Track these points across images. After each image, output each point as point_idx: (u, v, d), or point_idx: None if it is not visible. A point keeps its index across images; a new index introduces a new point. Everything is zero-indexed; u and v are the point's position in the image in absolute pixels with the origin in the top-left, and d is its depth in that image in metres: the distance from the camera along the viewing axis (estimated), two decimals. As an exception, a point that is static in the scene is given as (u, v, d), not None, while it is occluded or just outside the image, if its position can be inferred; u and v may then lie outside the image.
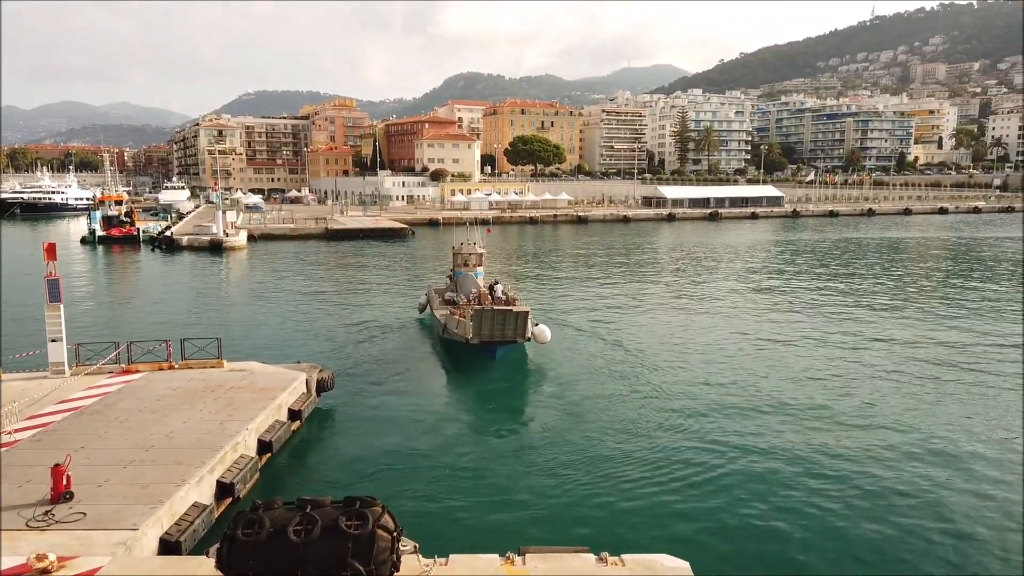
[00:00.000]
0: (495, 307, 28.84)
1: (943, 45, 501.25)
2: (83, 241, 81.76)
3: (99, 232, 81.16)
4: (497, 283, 34.86)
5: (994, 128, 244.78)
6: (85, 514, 13.39)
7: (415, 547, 12.15)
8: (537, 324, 29.60)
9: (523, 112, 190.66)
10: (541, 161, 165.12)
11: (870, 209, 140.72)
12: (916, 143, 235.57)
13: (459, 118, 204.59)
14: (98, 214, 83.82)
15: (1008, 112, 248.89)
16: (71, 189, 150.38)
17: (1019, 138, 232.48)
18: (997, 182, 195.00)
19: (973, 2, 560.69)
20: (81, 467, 15.23)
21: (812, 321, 37.94)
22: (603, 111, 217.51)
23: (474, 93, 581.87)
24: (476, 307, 29.08)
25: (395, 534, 11.13)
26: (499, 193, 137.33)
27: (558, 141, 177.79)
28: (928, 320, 38.23)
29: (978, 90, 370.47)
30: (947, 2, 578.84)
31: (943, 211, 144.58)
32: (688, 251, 75.96)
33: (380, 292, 48.32)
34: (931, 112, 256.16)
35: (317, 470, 19.17)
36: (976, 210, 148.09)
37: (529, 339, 28.88)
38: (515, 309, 28.16)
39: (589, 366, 29.22)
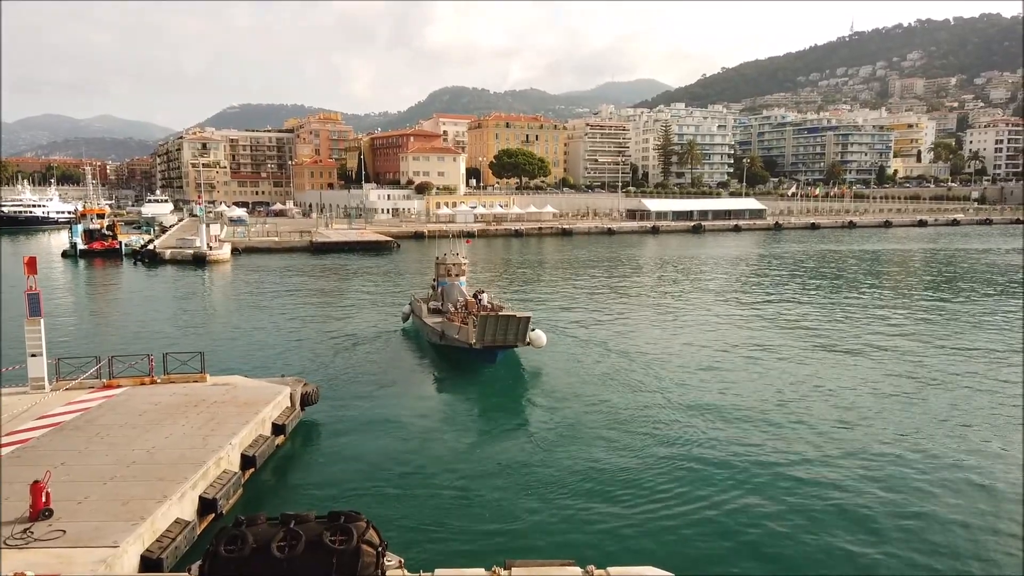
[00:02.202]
0: (499, 313, 30.13)
1: (920, 60, 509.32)
2: (64, 255, 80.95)
3: (81, 245, 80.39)
4: (483, 292, 35.78)
5: (971, 142, 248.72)
6: (65, 531, 13.20)
7: (400, 562, 12.10)
8: (534, 329, 30.68)
9: (508, 126, 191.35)
10: (526, 174, 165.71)
11: (851, 222, 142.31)
12: (895, 156, 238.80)
13: (444, 131, 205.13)
14: (80, 227, 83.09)
15: (985, 126, 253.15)
16: (52, 202, 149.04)
17: (996, 151, 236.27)
18: (975, 195, 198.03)
19: (949, 19, 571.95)
20: (61, 484, 15.02)
21: (799, 332, 38.21)
22: (587, 125, 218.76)
23: (459, 107, 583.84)
24: (482, 313, 30.45)
25: (380, 549, 11.09)
26: (484, 206, 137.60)
27: (543, 154, 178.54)
28: (916, 330, 38.61)
29: (955, 104, 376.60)
30: (924, 18, 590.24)
31: (923, 223, 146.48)
32: (673, 263, 76.37)
33: (365, 305, 48.17)
34: (910, 126, 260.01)
35: (301, 485, 19.02)
36: (955, 222, 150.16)
37: (528, 343, 30.07)
38: (518, 315, 29.51)
39: (576, 374, 29.49)
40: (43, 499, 13.75)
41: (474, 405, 26.37)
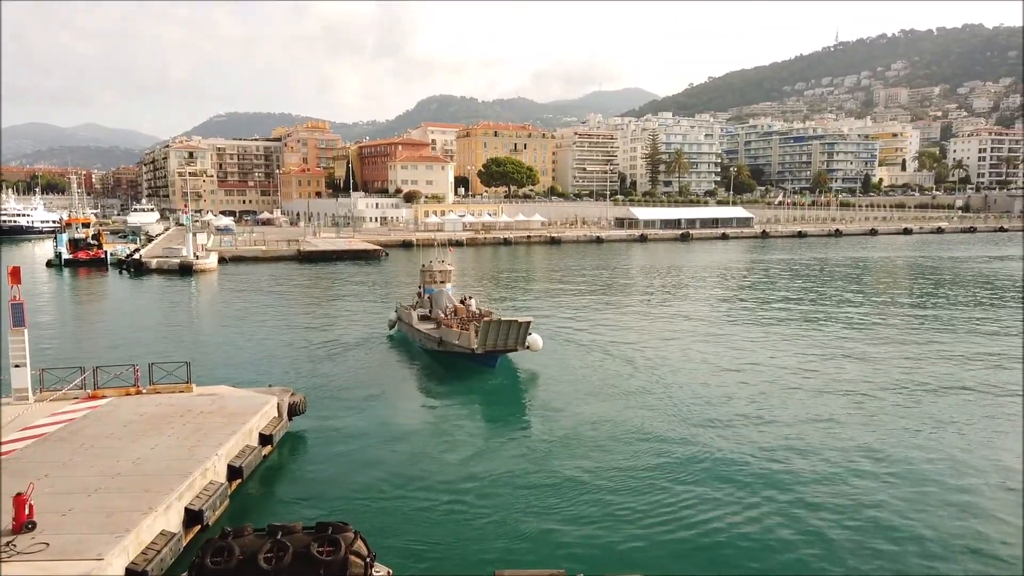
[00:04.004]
0: (500, 318, 30.71)
1: (904, 70, 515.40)
2: (49, 264, 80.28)
3: (65, 255, 79.72)
4: (471, 298, 36.07)
5: (955, 151, 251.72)
6: (48, 544, 13.03)
7: (388, 573, 12.02)
8: (530, 334, 31.19)
9: (496, 134, 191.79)
10: (514, 183, 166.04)
11: (837, 230, 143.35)
12: (881, 165, 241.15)
13: (432, 140, 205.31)
14: (64, 237, 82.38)
15: (968, 135, 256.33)
16: (37, 211, 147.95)
17: (979, 160, 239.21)
18: (959, 203, 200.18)
19: (932, 29, 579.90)
20: (45, 496, 14.85)
21: (788, 337, 38.35)
22: (575, 133, 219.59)
23: (447, 115, 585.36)
24: (484, 319, 31.04)
25: (368, 560, 11.02)
26: (473, 214, 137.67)
27: (531, 163, 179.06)
28: (904, 337, 38.88)
29: (939, 114, 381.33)
30: (907, 29, 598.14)
31: (908, 231, 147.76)
32: (662, 271, 76.60)
33: (353, 314, 48.00)
34: (894, 135, 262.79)
35: (288, 496, 18.87)
36: (939, 230, 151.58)
37: (527, 347, 30.73)
38: (520, 320, 30.26)
39: (566, 379, 29.59)
40: (26, 512, 13.58)
41: (463, 412, 26.30)
